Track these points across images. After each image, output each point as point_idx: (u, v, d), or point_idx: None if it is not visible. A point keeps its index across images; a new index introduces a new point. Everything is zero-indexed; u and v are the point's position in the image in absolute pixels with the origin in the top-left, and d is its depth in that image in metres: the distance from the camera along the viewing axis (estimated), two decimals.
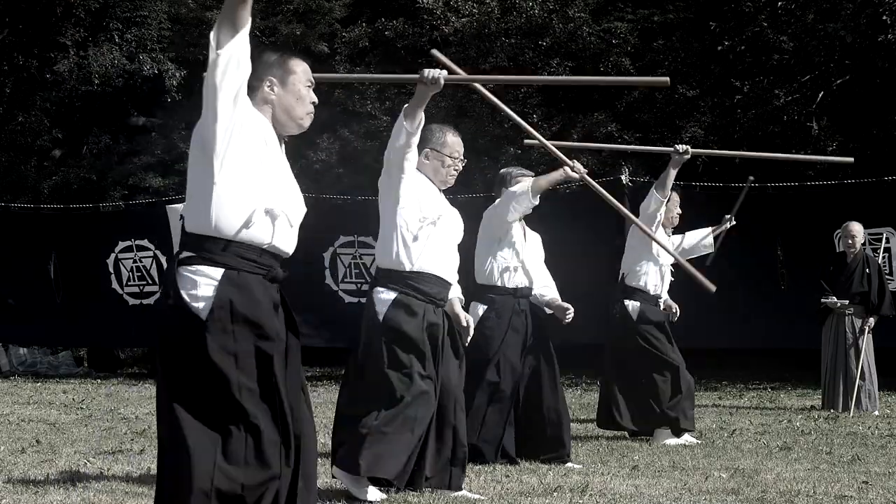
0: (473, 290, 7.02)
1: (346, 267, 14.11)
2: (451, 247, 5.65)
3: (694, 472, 6.53)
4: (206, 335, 3.44)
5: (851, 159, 8.25)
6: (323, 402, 11.73)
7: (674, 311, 8.47)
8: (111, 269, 14.92)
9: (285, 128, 3.86)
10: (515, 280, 6.98)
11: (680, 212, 8.58)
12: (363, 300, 13.57)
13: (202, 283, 3.49)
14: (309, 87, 3.91)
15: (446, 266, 5.60)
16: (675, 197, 8.49)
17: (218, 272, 3.51)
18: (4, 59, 19.94)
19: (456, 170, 5.71)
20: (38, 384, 14.03)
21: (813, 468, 6.75)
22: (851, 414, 10.40)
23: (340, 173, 18.11)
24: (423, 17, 18.05)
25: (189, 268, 3.51)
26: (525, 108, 17.62)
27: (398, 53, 19.32)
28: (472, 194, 13.48)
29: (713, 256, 9.25)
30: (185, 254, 3.54)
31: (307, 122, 3.91)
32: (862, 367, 10.66)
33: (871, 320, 10.73)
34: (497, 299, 6.95)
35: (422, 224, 5.50)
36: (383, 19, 18.58)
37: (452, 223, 5.67)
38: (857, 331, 10.77)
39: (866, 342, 10.73)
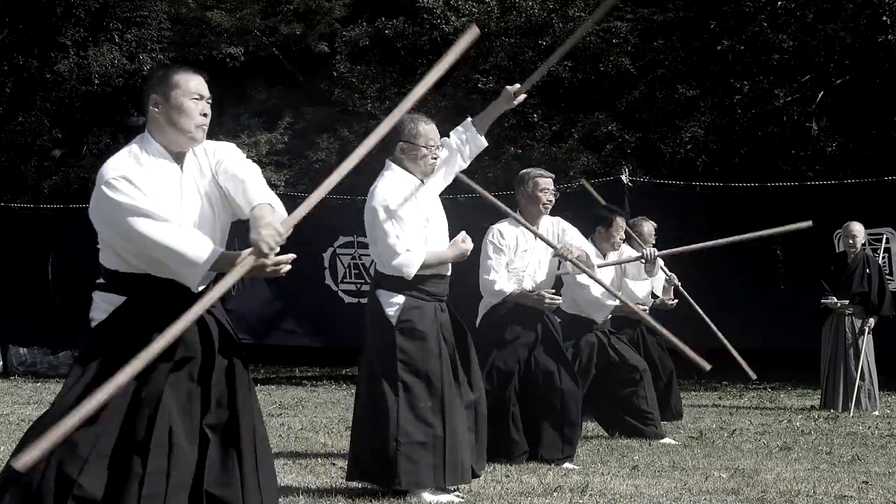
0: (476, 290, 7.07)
1: (345, 267, 14.12)
2: (443, 239, 5.69)
3: (694, 472, 6.53)
4: None
5: (809, 223, 8.13)
6: (323, 402, 11.73)
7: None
8: None
9: (177, 143, 3.88)
10: (522, 285, 7.05)
11: (623, 236, 8.50)
12: (363, 300, 13.60)
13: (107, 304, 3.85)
14: (197, 99, 3.87)
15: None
16: (620, 222, 8.43)
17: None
18: (4, 59, 19.92)
19: (434, 157, 5.65)
20: (38, 384, 14.03)
21: (813, 468, 6.75)
22: (851, 414, 10.40)
23: None
24: (423, 16, 18.05)
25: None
26: (525, 108, 17.63)
27: (398, 53, 19.32)
28: (473, 194, 13.47)
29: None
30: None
31: (199, 135, 3.89)
32: (862, 367, 10.66)
33: (871, 320, 10.73)
34: (505, 301, 7.02)
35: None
36: (383, 18, 18.57)
37: (438, 215, 5.70)
38: (857, 331, 10.77)
39: (866, 342, 10.73)
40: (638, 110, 17.05)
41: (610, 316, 8.42)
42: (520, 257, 7.06)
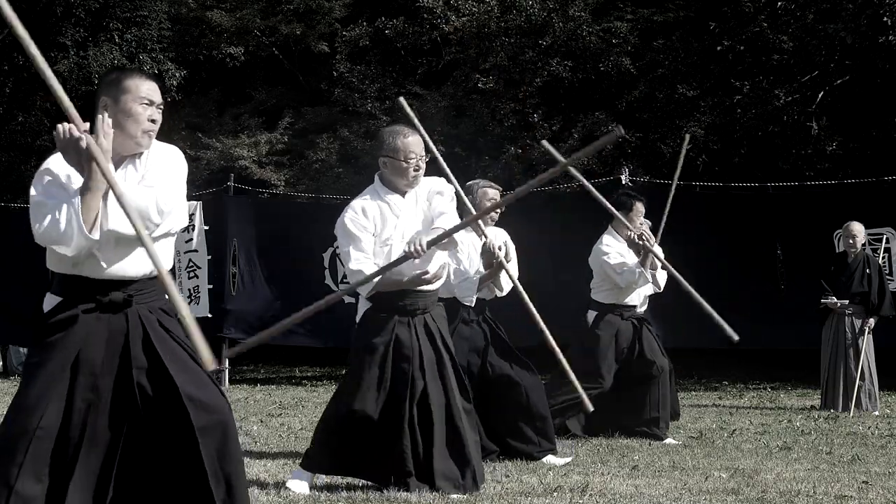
0: None
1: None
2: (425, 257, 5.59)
3: (694, 472, 6.54)
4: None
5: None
6: (323, 402, 11.69)
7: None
8: None
9: (123, 146, 3.88)
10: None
11: (643, 221, 8.53)
12: None
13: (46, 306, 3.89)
14: (147, 104, 3.88)
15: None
16: (640, 207, 8.46)
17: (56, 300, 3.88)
18: (4, 59, 19.92)
19: (416, 169, 5.67)
20: None
21: (813, 468, 6.75)
22: (851, 414, 10.40)
23: (340, 173, 18.11)
24: (423, 16, 18.06)
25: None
26: (525, 108, 17.63)
27: (398, 53, 19.33)
28: None
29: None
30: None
31: (145, 141, 3.91)
32: (862, 367, 10.66)
33: (871, 321, 10.73)
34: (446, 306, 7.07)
35: (378, 250, 5.58)
36: (383, 18, 18.58)
37: (411, 230, 5.63)
38: (857, 331, 10.77)
39: (866, 342, 10.73)
40: (638, 110, 17.06)
41: (644, 306, 8.54)
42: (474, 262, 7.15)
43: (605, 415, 8.40)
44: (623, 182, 13.32)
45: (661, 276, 8.68)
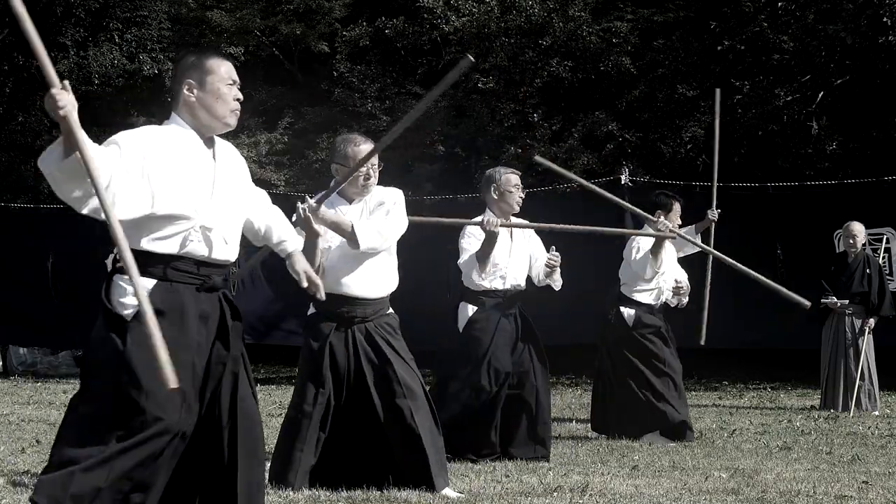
0: (462, 292, 7.06)
1: None
2: (357, 262, 5.65)
3: (694, 472, 6.54)
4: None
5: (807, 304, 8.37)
6: None
7: (683, 290, 8.57)
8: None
9: (210, 128, 3.92)
10: (504, 283, 7.04)
11: (680, 222, 8.59)
12: None
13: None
14: (231, 85, 3.92)
15: (352, 283, 5.67)
16: (678, 207, 8.51)
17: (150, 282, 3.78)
18: (4, 59, 19.93)
19: (366, 179, 5.70)
20: (38, 384, 14.03)
21: (813, 468, 6.75)
22: (851, 414, 10.40)
23: None
24: (423, 16, 18.06)
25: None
26: (525, 108, 17.63)
27: (398, 53, 19.33)
28: (474, 194, 13.46)
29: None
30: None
31: (232, 121, 3.95)
32: (862, 367, 10.66)
33: (871, 321, 10.73)
34: (486, 301, 7.01)
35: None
36: (383, 18, 18.58)
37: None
38: (857, 331, 10.77)
39: (866, 342, 10.73)
40: (638, 110, 17.06)
41: (662, 302, 8.55)
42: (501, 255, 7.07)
43: (613, 415, 8.42)
44: (623, 182, 13.32)
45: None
